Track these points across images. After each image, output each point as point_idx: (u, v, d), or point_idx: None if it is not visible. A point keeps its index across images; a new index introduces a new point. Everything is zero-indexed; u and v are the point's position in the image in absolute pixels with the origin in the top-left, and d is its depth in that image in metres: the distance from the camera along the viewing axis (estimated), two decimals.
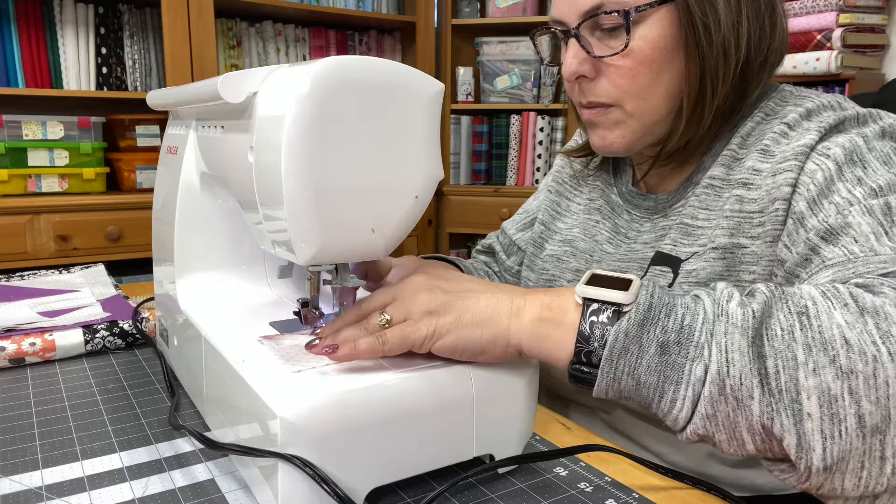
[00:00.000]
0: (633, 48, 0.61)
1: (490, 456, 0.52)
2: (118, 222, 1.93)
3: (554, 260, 0.79)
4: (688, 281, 0.62)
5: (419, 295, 0.51)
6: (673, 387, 0.43)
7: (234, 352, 0.52)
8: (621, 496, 0.49)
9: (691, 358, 0.42)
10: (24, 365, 0.74)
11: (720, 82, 0.62)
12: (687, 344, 0.43)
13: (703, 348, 0.42)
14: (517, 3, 2.53)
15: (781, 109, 0.65)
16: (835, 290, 0.43)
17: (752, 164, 0.61)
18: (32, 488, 0.49)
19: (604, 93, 0.65)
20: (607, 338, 0.45)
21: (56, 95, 1.92)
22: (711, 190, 0.64)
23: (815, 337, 0.40)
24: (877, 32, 1.99)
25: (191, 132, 0.66)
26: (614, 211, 0.77)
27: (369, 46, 2.52)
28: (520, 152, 2.61)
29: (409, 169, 0.52)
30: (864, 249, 0.49)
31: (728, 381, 0.41)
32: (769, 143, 0.61)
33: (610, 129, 0.67)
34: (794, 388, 0.39)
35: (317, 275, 0.56)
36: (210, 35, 2.02)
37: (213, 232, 0.67)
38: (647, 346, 0.44)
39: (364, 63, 0.49)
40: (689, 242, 0.64)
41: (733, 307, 0.43)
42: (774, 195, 0.58)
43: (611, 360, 0.44)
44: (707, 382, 0.42)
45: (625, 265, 0.70)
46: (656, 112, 0.65)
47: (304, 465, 0.43)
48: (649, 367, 0.44)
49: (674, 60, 0.63)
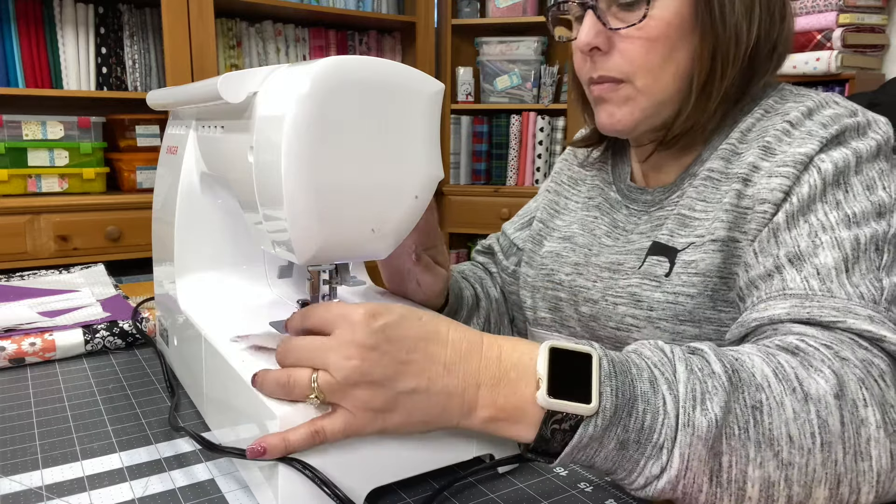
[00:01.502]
0: (650, 22, 0.63)
1: (490, 456, 0.52)
2: (118, 222, 1.93)
3: (553, 256, 0.79)
4: (686, 271, 0.63)
5: (357, 390, 0.44)
6: (624, 473, 0.45)
7: (233, 352, 0.52)
8: (621, 496, 0.49)
9: (647, 455, 0.44)
10: (24, 365, 0.74)
11: (730, 65, 0.64)
12: (646, 443, 0.44)
13: (662, 451, 0.44)
14: (517, 2, 2.53)
15: (781, 107, 0.65)
16: (783, 370, 0.46)
17: (753, 160, 0.62)
18: (32, 488, 0.49)
19: (616, 67, 0.65)
20: (568, 440, 0.44)
21: (56, 95, 1.92)
22: (710, 182, 0.65)
23: (765, 434, 0.44)
24: (877, 32, 1.99)
25: (191, 132, 0.66)
26: (613, 207, 0.77)
27: (369, 46, 2.52)
28: (520, 152, 2.61)
29: (409, 169, 0.52)
30: (823, 289, 0.53)
31: (682, 482, 0.44)
32: (771, 140, 0.62)
33: (618, 106, 0.67)
34: (742, 479, 0.44)
35: (317, 275, 0.56)
36: (210, 35, 2.02)
37: (213, 232, 0.67)
38: (608, 443, 0.44)
39: (364, 63, 0.49)
40: (685, 233, 0.65)
41: (698, 416, 0.44)
42: (765, 196, 0.59)
43: (570, 454, 0.45)
44: (662, 480, 0.44)
45: (622, 257, 0.71)
46: (665, 91, 0.65)
47: (303, 468, 0.43)
48: (606, 458, 0.45)
49: (686, 39, 0.64)
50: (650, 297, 0.64)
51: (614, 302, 0.68)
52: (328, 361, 0.44)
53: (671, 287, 0.63)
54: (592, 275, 0.73)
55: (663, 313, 0.63)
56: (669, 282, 0.64)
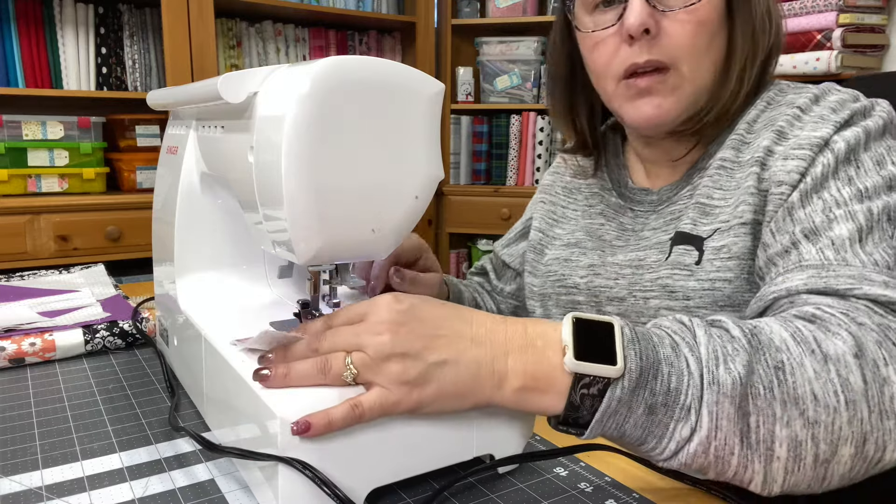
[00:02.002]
0: (700, 5, 0.64)
1: (490, 456, 0.52)
2: (118, 222, 1.93)
3: (560, 262, 0.79)
4: (718, 257, 0.63)
5: (390, 363, 0.45)
6: (655, 440, 0.46)
7: (234, 352, 0.52)
8: (621, 496, 0.49)
9: (676, 418, 0.45)
10: (24, 365, 0.74)
11: (760, 51, 0.66)
12: (673, 406, 0.45)
13: (690, 411, 0.44)
14: (517, 3, 2.53)
15: (783, 98, 0.67)
16: (801, 334, 0.47)
17: (768, 143, 0.63)
18: (32, 488, 0.49)
19: (663, 51, 0.65)
20: (597, 406, 0.45)
21: (56, 95, 1.92)
22: (723, 171, 0.66)
23: (790, 393, 0.45)
24: (877, 32, 1.99)
25: (191, 132, 0.66)
26: (617, 212, 0.77)
27: (369, 46, 2.52)
28: (520, 152, 2.61)
29: (409, 169, 0.52)
30: (838, 258, 0.54)
31: (714, 443, 0.44)
32: (784, 124, 0.63)
33: (666, 96, 0.67)
34: (770, 439, 0.44)
35: (317, 275, 0.56)
36: (210, 35, 2.02)
37: (213, 232, 0.67)
38: (636, 408, 0.45)
39: (364, 63, 0.49)
40: (708, 221, 0.65)
41: (722, 374, 0.44)
42: (782, 178, 0.60)
43: (601, 421, 0.45)
44: (693, 443, 0.44)
45: (641, 253, 0.70)
46: (704, 77, 0.67)
47: (303, 468, 0.43)
48: (636, 425, 0.45)
49: (723, 25, 0.66)
50: (684, 286, 0.64)
51: (644, 297, 0.68)
52: (361, 342, 0.46)
53: (704, 274, 0.63)
54: (612, 273, 0.72)
55: (701, 301, 0.63)
56: (702, 269, 0.64)
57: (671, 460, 0.46)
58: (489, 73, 2.60)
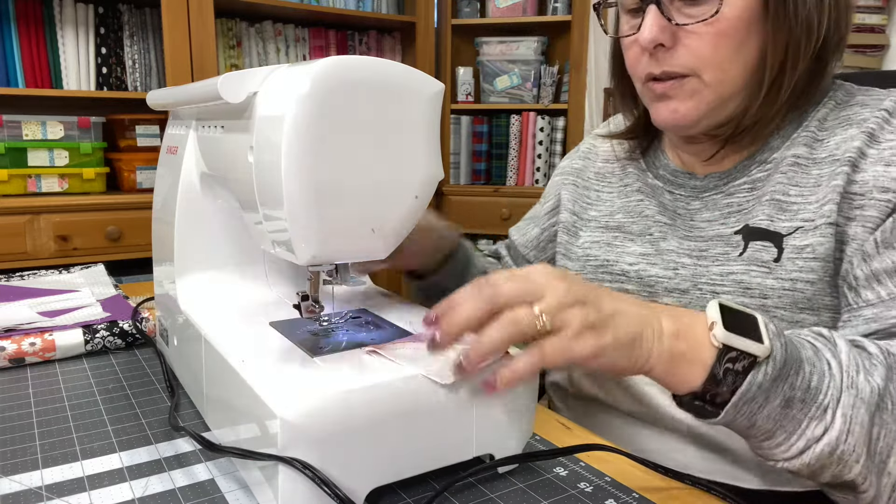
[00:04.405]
0: (719, 17, 0.61)
1: (490, 456, 0.52)
2: (118, 222, 1.93)
3: (602, 246, 0.77)
4: (801, 256, 0.61)
5: (573, 308, 0.46)
6: (784, 435, 0.46)
7: (233, 352, 0.52)
8: (621, 496, 0.49)
9: (811, 416, 0.45)
10: (24, 365, 0.74)
11: (801, 58, 0.63)
12: (811, 403, 0.45)
13: (827, 411, 0.45)
14: (517, 3, 2.53)
15: (852, 98, 0.66)
16: None
17: (859, 145, 0.61)
18: (32, 488, 0.49)
19: (681, 63, 0.64)
20: (738, 386, 0.45)
21: (56, 95, 1.92)
22: (798, 168, 0.64)
23: None
24: (877, 32, 1.99)
25: (191, 132, 0.66)
26: (655, 191, 0.75)
27: (369, 46, 2.52)
28: (520, 152, 2.61)
29: (409, 169, 0.52)
30: None
31: (842, 447, 0.45)
32: (874, 127, 0.62)
33: (683, 101, 0.66)
34: (887, 454, 0.45)
35: (317, 275, 0.56)
36: (210, 35, 2.02)
37: (213, 232, 0.67)
38: (774, 399, 0.45)
39: (364, 63, 0.49)
40: (786, 217, 0.63)
41: (861, 381, 0.46)
42: (885, 184, 0.58)
43: (736, 405, 0.46)
44: (822, 442, 0.45)
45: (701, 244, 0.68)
46: (732, 84, 0.64)
47: (303, 468, 0.43)
48: (769, 416, 0.46)
49: (756, 32, 0.63)
50: (761, 283, 0.62)
51: (712, 290, 0.66)
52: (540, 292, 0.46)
53: (785, 273, 0.61)
54: (669, 263, 0.70)
55: (780, 301, 0.61)
56: (781, 267, 0.62)
57: (794, 460, 0.46)
58: (489, 73, 2.60)
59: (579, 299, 0.46)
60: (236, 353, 0.52)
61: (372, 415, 0.46)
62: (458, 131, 2.66)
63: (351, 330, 0.59)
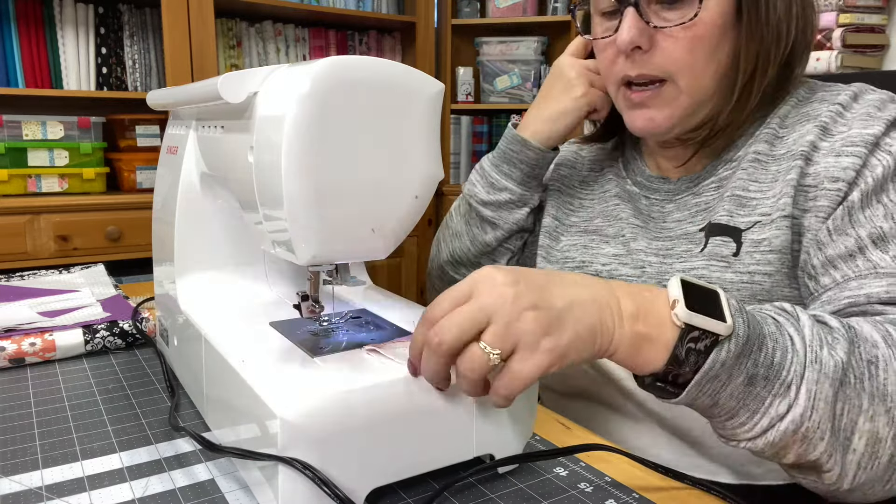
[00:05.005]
0: (697, 21, 0.62)
1: (490, 456, 0.52)
2: (118, 222, 1.93)
3: (579, 248, 0.78)
4: (758, 250, 0.62)
5: (525, 318, 0.43)
6: (748, 414, 0.46)
7: (233, 352, 0.52)
8: (621, 496, 0.49)
9: (774, 393, 0.45)
10: (24, 365, 0.74)
11: (771, 64, 0.64)
12: (774, 380, 0.45)
13: (791, 388, 0.45)
14: (517, 3, 2.53)
15: (813, 95, 0.67)
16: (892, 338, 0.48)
17: (812, 139, 0.62)
18: (32, 488, 0.49)
19: (657, 65, 0.64)
20: (700, 365, 0.44)
21: (56, 95, 1.92)
22: (758, 164, 0.65)
23: (879, 388, 0.45)
24: (877, 32, 1.99)
25: (191, 132, 0.66)
26: (632, 197, 0.77)
27: (369, 46, 2.52)
28: None
29: (409, 169, 0.52)
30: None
31: (807, 423, 0.44)
32: (827, 120, 0.63)
33: (660, 109, 0.67)
34: (851, 430, 0.45)
35: (317, 275, 0.56)
36: (210, 35, 2.02)
37: (213, 232, 0.67)
38: (737, 376, 0.45)
39: (364, 63, 0.49)
40: (745, 213, 0.64)
41: (825, 355, 0.45)
42: (836, 174, 0.59)
43: (699, 384, 0.45)
44: (787, 420, 0.45)
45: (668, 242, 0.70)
46: (705, 90, 0.65)
47: (303, 469, 0.43)
48: (731, 394, 0.45)
49: (729, 38, 0.64)
50: (721, 278, 0.63)
51: None
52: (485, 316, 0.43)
53: (743, 267, 0.63)
54: (637, 262, 0.71)
55: (739, 294, 0.62)
56: (740, 261, 0.63)
57: (757, 439, 0.46)
58: (489, 73, 2.60)
59: (530, 304, 0.44)
60: (236, 353, 0.52)
61: (372, 415, 0.46)
62: (458, 131, 2.66)
63: (351, 330, 0.59)
